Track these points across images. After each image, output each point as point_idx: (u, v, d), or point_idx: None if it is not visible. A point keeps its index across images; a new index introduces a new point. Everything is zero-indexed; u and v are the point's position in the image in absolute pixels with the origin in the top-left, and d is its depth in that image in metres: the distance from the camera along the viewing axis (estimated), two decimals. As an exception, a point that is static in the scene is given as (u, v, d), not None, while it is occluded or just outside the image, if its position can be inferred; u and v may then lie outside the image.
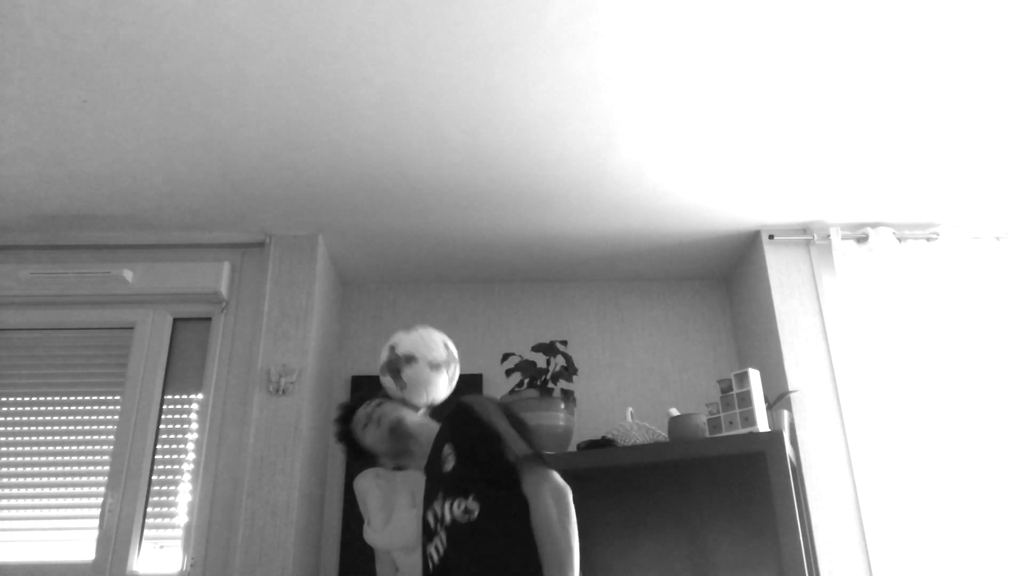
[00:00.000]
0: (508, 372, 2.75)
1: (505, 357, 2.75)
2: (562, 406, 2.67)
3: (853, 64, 2.17)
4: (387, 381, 2.02)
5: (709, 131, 2.44)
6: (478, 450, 1.71)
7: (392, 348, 2.02)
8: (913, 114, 2.38)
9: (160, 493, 2.68)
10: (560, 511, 1.58)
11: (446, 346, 2.07)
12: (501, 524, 1.61)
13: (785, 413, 2.58)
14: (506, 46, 2.07)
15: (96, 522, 2.60)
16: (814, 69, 2.19)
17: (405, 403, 2.01)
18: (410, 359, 1.99)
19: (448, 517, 1.66)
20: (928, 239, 2.94)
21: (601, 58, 2.12)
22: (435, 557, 1.68)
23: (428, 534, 1.73)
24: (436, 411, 2.03)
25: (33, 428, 2.74)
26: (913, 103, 2.34)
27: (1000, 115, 2.40)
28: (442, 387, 2.05)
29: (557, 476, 1.65)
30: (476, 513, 1.62)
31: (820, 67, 2.18)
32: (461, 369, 3.17)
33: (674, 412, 2.62)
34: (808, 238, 2.99)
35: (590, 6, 1.94)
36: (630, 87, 2.24)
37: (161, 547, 2.61)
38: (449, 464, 1.73)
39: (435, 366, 2.01)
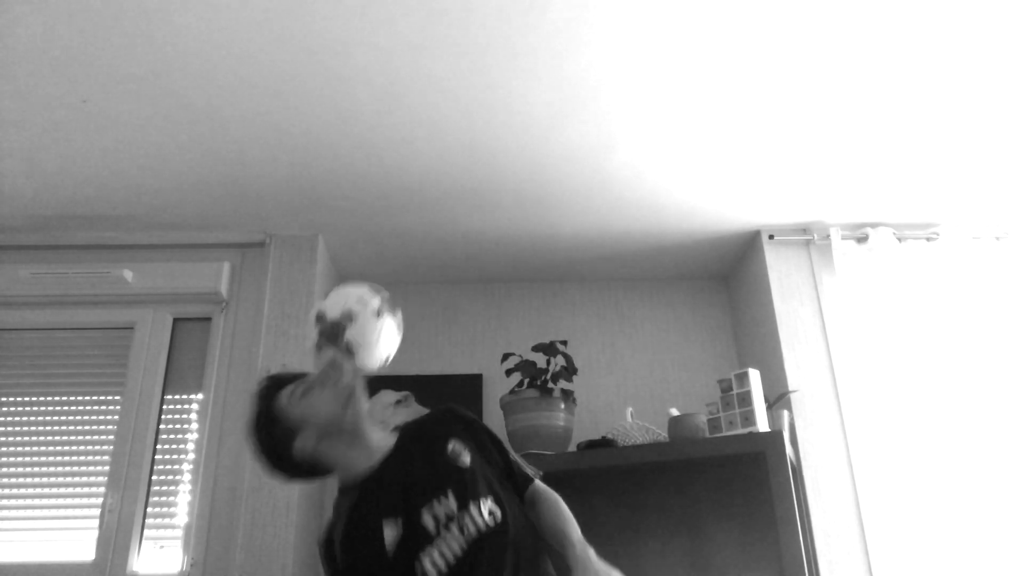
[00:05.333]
0: (508, 372, 2.75)
1: (505, 357, 2.75)
2: (562, 406, 2.67)
3: (853, 64, 2.17)
4: (326, 355, 1.67)
5: (709, 131, 2.44)
6: (493, 453, 1.68)
7: (320, 318, 1.69)
8: (913, 114, 2.38)
9: (160, 493, 2.68)
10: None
11: (375, 290, 1.77)
12: (524, 531, 1.58)
13: (785, 413, 2.58)
14: (506, 46, 2.07)
15: (96, 522, 2.60)
16: (814, 69, 2.19)
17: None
18: (349, 316, 1.67)
19: (475, 521, 1.51)
20: (928, 239, 2.94)
21: (601, 58, 2.12)
22: (442, 565, 1.47)
23: (424, 538, 1.49)
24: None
25: (33, 428, 2.74)
26: (913, 103, 2.34)
27: (1000, 115, 2.40)
28: (395, 336, 1.74)
29: None
30: (499, 516, 1.54)
31: (820, 67, 2.18)
32: (461, 369, 3.21)
33: (674, 412, 2.62)
34: (808, 238, 2.99)
35: (590, 6, 1.94)
36: (630, 87, 2.24)
37: (161, 547, 2.61)
38: (466, 459, 1.60)
39: (378, 313, 1.70)
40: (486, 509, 1.53)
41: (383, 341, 1.70)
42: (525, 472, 1.72)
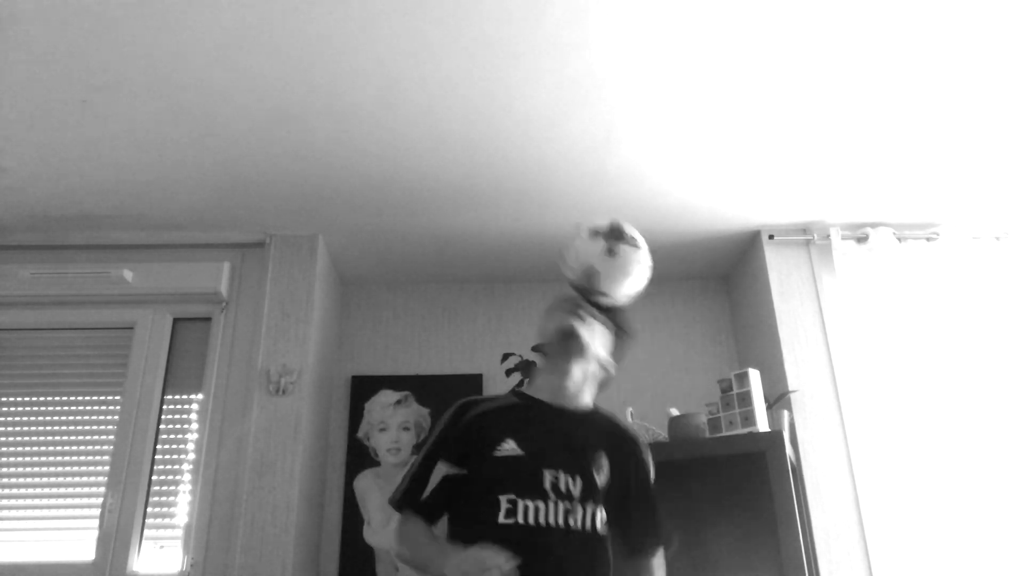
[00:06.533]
0: (508, 372, 2.75)
1: (505, 357, 2.75)
2: (562, 406, 2.66)
3: (853, 64, 2.17)
4: (594, 246, 1.72)
5: (709, 131, 2.44)
6: (639, 500, 1.69)
7: (618, 225, 1.75)
8: (913, 114, 2.38)
9: (160, 493, 2.68)
10: None
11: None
12: (606, 562, 1.60)
13: (785, 413, 2.58)
14: (506, 46, 2.07)
15: (96, 522, 2.60)
16: (814, 69, 2.19)
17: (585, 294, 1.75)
18: (635, 242, 1.75)
19: (585, 520, 1.55)
20: (928, 239, 2.94)
21: (601, 58, 2.12)
22: (523, 518, 1.50)
23: (534, 488, 1.52)
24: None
25: (33, 428, 2.74)
26: (913, 103, 2.34)
27: (1000, 115, 2.40)
28: (631, 293, 1.79)
29: None
30: (603, 535, 1.58)
31: (820, 67, 2.18)
32: (461, 369, 3.21)
33: (674, 412, 2.62)
34: (808, 238, 2.99)
35: (590, 6, 1.94)
36: (630, 87, 2.24)
37: (161, 547, 2.61)
38: (601, 477, 1.61)
39: (643, 276, 1.78)
40: (599, 520, 1.57)
41: (630, 287, 1.78)
42: (660, 536, 1.70)
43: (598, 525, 1.57)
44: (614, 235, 1.74)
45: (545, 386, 1.71)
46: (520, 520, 1.49)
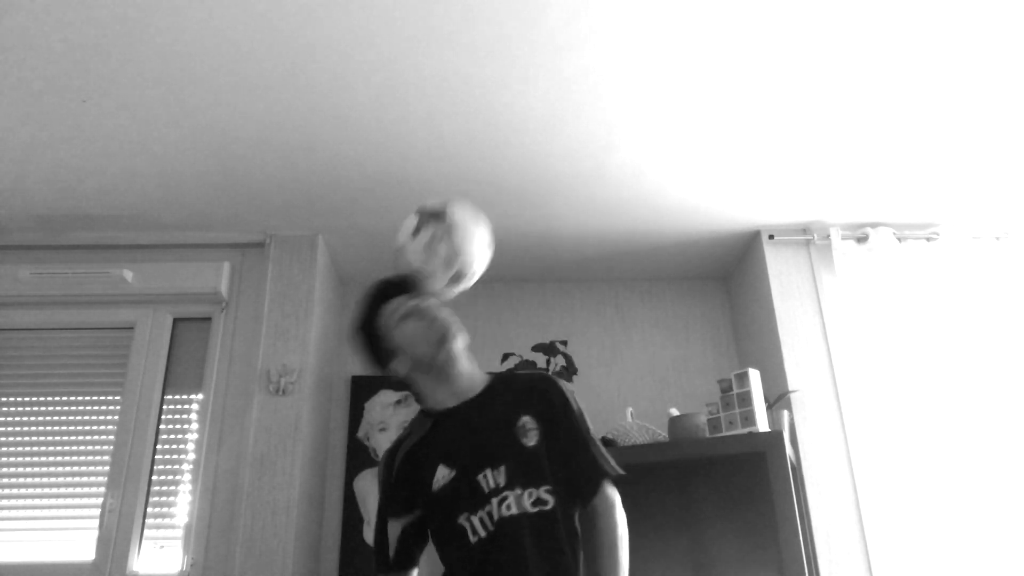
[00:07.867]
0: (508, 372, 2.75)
1: (505, 357, 2.75)
2: (562, 406, 2.67)
3: (853, 64, 2.17)
4: (419, 241, 1.69)
5: (709, 131, 2.44)
6: (567, 444, 1.61)
7: (426, 210, 1.75)
8: (913, 114, 2.38)
9: (160, 493, 2.68)
10: (626, 536, 1.60)
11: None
12: (567, 530, 1.55)
13: (785, 413, 2.58)
14: (505, 46, 2.07)
15: (96, 522, 2.60)
16: (814, 69, 2.19)
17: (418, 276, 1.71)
18: (441, 216, 1.74)
19: (518, 502, 1.51)
20: (928, 239, 2.94)
21: (600, 58, 2.12)
22: (481, 532, 1.50)
23: (477, 500, 1.52)
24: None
25: (33, 428, 2.74)
26: (913, 103, 2.34)
27: (1000, 115, 2.40)
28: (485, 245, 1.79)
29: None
30: (548, 508, 1.52)
31: (820, 67, 2.18)
32: (461, 369, 3.21)
33: (674, 412, 2.62)
34: (808, 238, 2.99)
35: (589, 6, 1.94)
36: (629, 87, 2.24)
37: (161, 547, 2.61)
38: (531, 440, 1.57)
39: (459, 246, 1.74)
40: (533, 497, 1.53)
41: (478, 243, 1.78)
42: (596, 475, 1.61)
43: (544, 498, 1.52)
44: (422, 218, 1.75)
45: (443, 392, 1.67)
46: (482, 534, 1.50)
